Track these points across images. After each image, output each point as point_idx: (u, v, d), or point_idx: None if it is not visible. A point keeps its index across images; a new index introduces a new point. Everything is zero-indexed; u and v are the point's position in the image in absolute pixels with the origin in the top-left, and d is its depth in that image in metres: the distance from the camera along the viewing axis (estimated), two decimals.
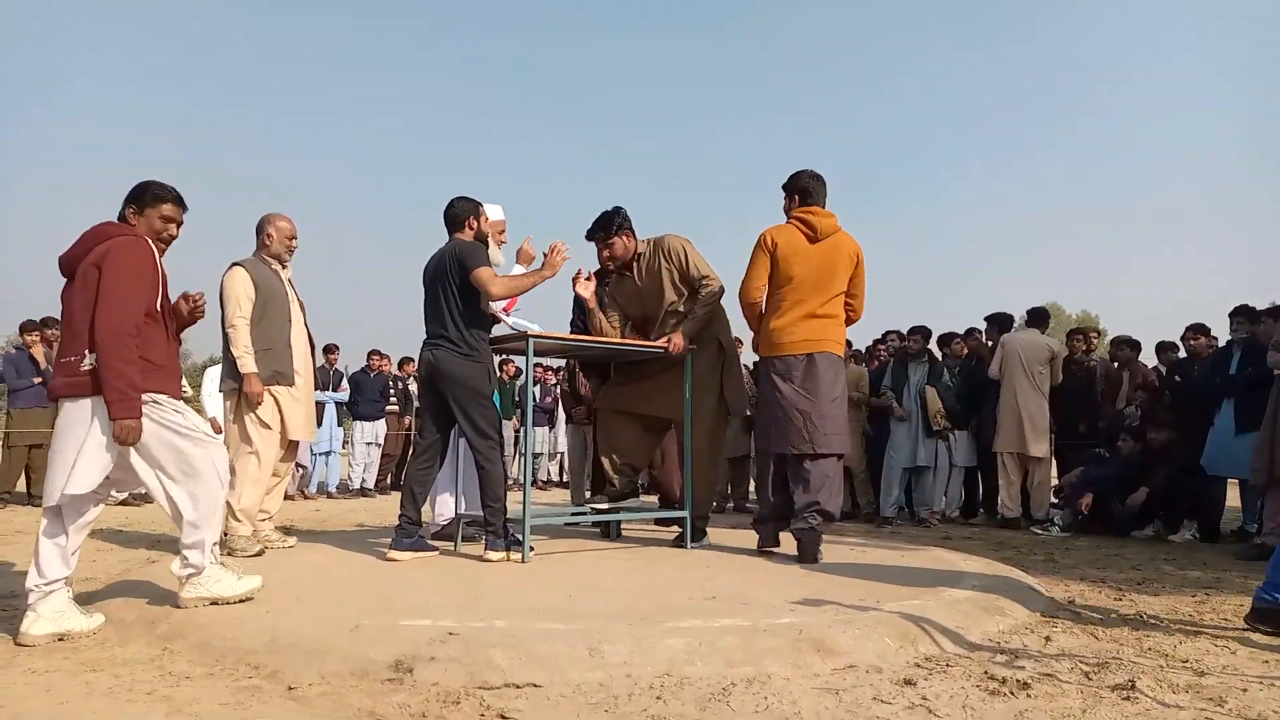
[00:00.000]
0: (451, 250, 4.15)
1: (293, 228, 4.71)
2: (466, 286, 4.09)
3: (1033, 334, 7.36)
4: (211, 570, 3.10)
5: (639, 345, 4.61)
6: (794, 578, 3.68)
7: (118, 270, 2.92)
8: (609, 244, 4.73)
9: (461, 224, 4.29)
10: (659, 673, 2.41)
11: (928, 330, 7.84)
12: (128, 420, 2.87)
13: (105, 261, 2.92)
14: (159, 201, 3.17)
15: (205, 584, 3.07)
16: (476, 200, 4.37)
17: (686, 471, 4.69)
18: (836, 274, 4.33)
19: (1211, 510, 6.42)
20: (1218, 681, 2.44)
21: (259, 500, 4.49)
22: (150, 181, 3.20)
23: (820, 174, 4.51)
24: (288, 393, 4.56)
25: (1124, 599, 3.76)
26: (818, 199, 4.45)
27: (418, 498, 4.21)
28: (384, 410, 10.61)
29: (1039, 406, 7.03)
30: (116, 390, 2.85)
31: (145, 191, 3.16)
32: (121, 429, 2.87)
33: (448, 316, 4.11)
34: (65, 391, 2.94)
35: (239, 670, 2.47)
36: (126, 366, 2.87)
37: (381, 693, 2.27)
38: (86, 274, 2.94)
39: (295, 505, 8.67)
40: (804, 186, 4.46)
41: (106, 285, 2.89)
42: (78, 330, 2.92)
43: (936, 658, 2.63)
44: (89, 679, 2.43)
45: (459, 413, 4.08)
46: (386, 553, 4.14)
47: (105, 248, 2.95)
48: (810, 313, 4.32)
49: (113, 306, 2.89)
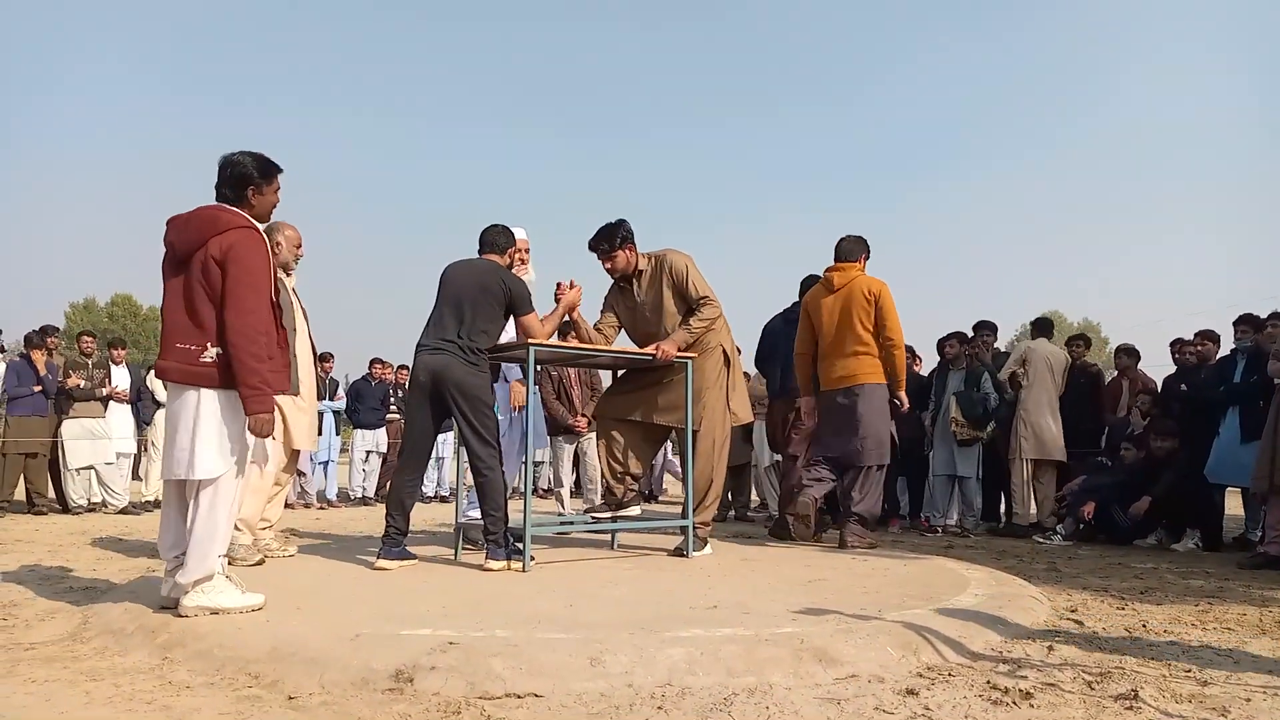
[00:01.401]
0: (502, 280, 4.22)
1: (299, 236, 4.72)
2: (497, 310, 4.20)
3: (1048, 343, 7.39)
4: (220, 580, 3.08)
5: (633, 354, 4.64)
6: (795, 587, 3.68)
7: (247, 269, 3.01)
8: (611, 256, 4.75)
9: (503, 251, 4.43)
10: (660, 682, 2.40)
11: (965, 335, 7.62)
12: (263, 414, 3.04)
13: (231, 258, 2.99)
14: (275, 175, 3.25)
15: (211, 593, 3.05)
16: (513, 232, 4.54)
17: (688, 480, 4.69)
18: (854, 317, 5.12)
19: (1214, 519, 6.41)
20: (1221, 691, 2.43)
21: (260, 509, 4.49)
22: (256, 155, 3.20)
23: (857, 235, 5.41)
24: (291, 402, 4.55)
25: (1127, 608, 3.75)
26: (844, 255, 5.33)
27: (407, 507, 4.22)
28: (385, 418, 10.62)
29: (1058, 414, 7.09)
30: (251, 387, 3.00)
31: (262, 169, 3.19)
32: (257, 422, 3.04)
33: (464, 327, 4.12)
34: (179, 378, 3.05)
35: (239, 679, 2.47)
36: (260, 365, 3.01)
37: (382, 702, 2.27)
38: (207, 267, 3.01)
39: (296, 514, 8.66)
40: (836, 248, 5.39)
41: (237, 285, 3.00)
42: (200, 323, 3.02)
43: (939, 667, 2.63)
44: (89, 688, 2.42)
45: (462, 420, 4.07)
46: (375, 562, 4.15)
47: (228, 241, 3.01)
48: (842, 353, 5.18)
49: (247, 307, 3.01)
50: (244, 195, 3.17)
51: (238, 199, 3.16)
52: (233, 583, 3.12)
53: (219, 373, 3.03)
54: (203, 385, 3.04)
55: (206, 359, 3.01)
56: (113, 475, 8.52)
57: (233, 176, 3.16)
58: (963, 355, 7.43)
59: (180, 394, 3.11)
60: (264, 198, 3.22)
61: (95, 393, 8.41)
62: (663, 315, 4.75)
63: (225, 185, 3.17)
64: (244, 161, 3.16)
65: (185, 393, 3.09)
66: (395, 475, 4.38)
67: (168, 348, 3.10)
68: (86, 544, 5.88)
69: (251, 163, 3.17)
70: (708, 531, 4.90)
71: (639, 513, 4.89)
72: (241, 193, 3.16)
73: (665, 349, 4.53)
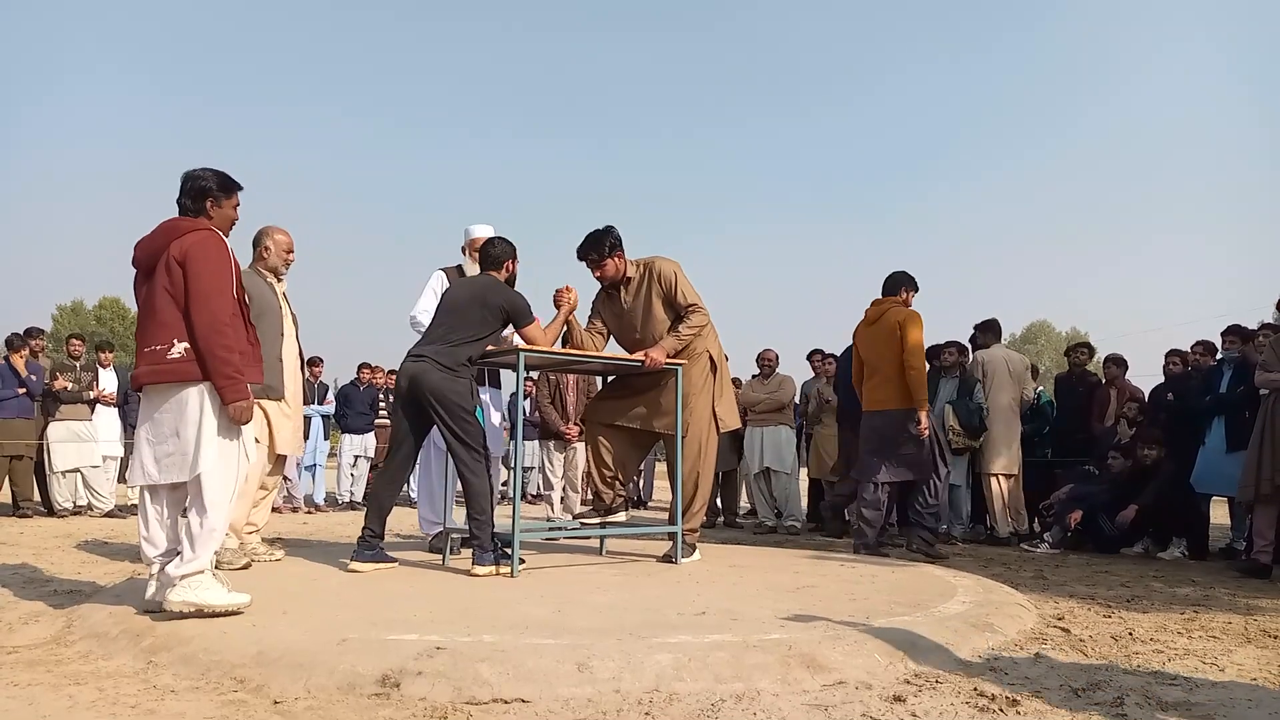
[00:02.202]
0: (502, 296, 4.26)
1: (290, 241, 4.70)
2: (494, 325, 4.23)
3: (1001, 348, 7.46)
4: (201, 577, 3.07)
5: (622, 360, 4.64)
6: (783, 593, 3.68)
7: (207, 266, 3.10)
8: (600, 265, 4.75)
9: (501, 265, 4.44)
10: (648, 688, 2.40)
11: (962, 345, 7.61)
12: (239, 402, 3.10)
13: (190, 256, 3.09)
14: (234, 191, 3.37)
15: (196, 590, 3.03)
16: (514, 244, 4.54)
17: (676, 485, 4.69)
18: (882, 345, 5.62)
19: (1200, 528, 6.44)
20: (1206, 699, 2.44)
21: (246, 513, 4.47)
22: (217, 172, 3.33)
23: (901, 271, 5.87)
24: (277, 407, 4.54)
25: (1113, 616, 3.76)
26: (885, 290, 5.85)
27: (384, 511, 4.25)
28: (374, 423, 10.58)
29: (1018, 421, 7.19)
30: (224, 376, 3.07)
31: (221, 184, 3.32)
32: (236, 410, 3.10)
33: (449, 336, 4.13)
34: (152, 379, 3.12)
35: (224, 684, 2.45)
36: (231, 354, 3.08)
37: (368, 707, 2.25)
38: (170, 268, 3.10)
39: (282, 518, 8.62)
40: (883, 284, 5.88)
41: (198, 280, 3.08)
42: (164, 322, 3.09)
43: (926, 674, 2.63)
44: (72, 692, 2.40)
45: (443, 427, 4.08)
46: (348, 564, 4.15)
47: (188, 242, 3.11)
48: (877, 380, 5.68)
49: (210, 303, 3.08)
50: (203, 207, 3.28)
51: (197, 211, 3.27)
52: (220, 581, 3.12)
53: (196, 368, 3.09)
54: (179, 381, 3.09)
55: (174, 355, 3.07)
56: (98, 478, 8.45)
57: (193, 189, 3.28)
58: (957, 363, 7.44)
59: (160, 397, 3.15)
60: (222, 211, 3.33)
61: (82, 395, 8.36)
62: (651, 322, 4.75)
63: (185, 196, 3.29)
64: (205, 176, 3.30)
65: (166, 394, 3.13)
66: (376, 479, 4.38)
67: (139, 356, 3.19)
68: (71, 547, 5.84)
69: (212, 177, 3.31)
70: (696, 538, 4.90)
71: (627, 519, 4.88)
72: (200, 204, 3.28)
73: (653, 356, 4.53)
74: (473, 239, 5.10)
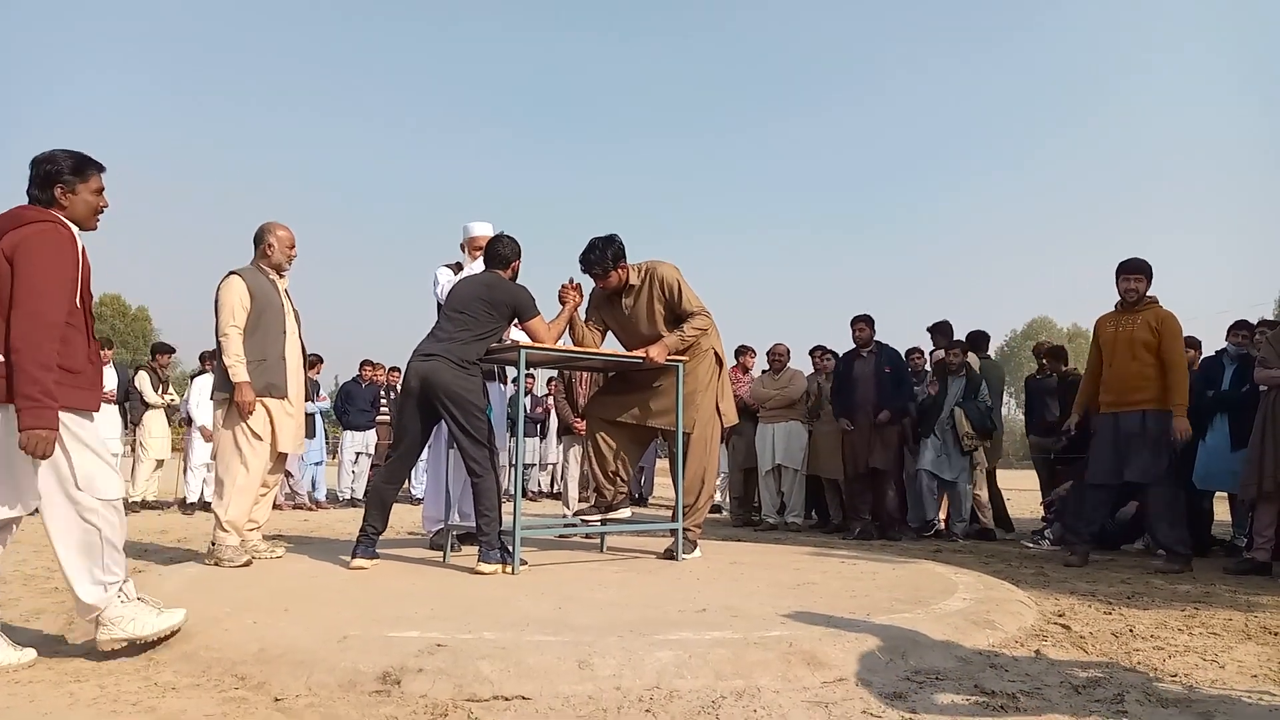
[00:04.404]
0: (507, 292, 4.28)
1: (292, 237, 4.69)
2: (499, 321, 4.24)
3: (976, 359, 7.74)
4: (121, 610, 2.73)
5: (623, 356, 4.64)
6: (784, 590, 3.68)
7: (38, 266, 2.60)
8: (604, 278, 4.73)
9: (507, 263, 4.45)
10: (648, 685, 2.40)
11: (965, 343, 7.57)
12: (39, 430, 2.51)
13: (20, 254, 2.59)
14: (93, 173, 2.85)
15: (119, 624, 2.72)
16: (519, 243, 4.55)
17: (678, 482, 4.69)
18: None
19: (1202, 525, 6.42)
20: (1206, 696, 2.44)
21: (247, 510, 4.47)
22: (71, 152, 2.83)
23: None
24: (280, 405, 4.53)
25: (1114, 612, 3.77)
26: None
27: (386, 508, 4.26)
28: (375, 420, 10.59)
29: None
30: (28, 398, 2.50)
31: (75, 166, 2.81)
32: (30, 439, 2.50)
33: (456, 333, 4.14)
34: None
35: (225, 681, 2.45)
36: (42, 374, 2.53)
37: (369, 704, 2.26)
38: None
39: (283, 515, 8.62)
40: None
41: (23, 282, 2.57)
42: None
43: (926, 671, 2.63)
44: (73, 689, 2.41)
45: (453, 424, 4.08)
46: (349, 561, 4.16)
47: (20, 236, 2.62)
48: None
49: (31, 308, 2.56)
50: (52, 196, 2.78)
51: (46, 200, 2.78)
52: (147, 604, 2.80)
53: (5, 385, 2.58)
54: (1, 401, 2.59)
55: None
56: None
57: (39, 175, 2.78)
58: (964, 363, 7.41)
59: None
60: (77, 197, 2.81)
61: None
62: (653, 327, 4.74)
63: (33, 185, 2.80)
64: (53, 158, 2.79)
65: None
66: (379, 475, 4.39)
67: None
68: None
69: (64, 159, 2.80)
70: (697, 535, 4.90)
71: (629, 515, 4.89)
72: (48, 192, 2.78)
73: (654, 354, 4.53)
74: (472, 236, 5.11)
